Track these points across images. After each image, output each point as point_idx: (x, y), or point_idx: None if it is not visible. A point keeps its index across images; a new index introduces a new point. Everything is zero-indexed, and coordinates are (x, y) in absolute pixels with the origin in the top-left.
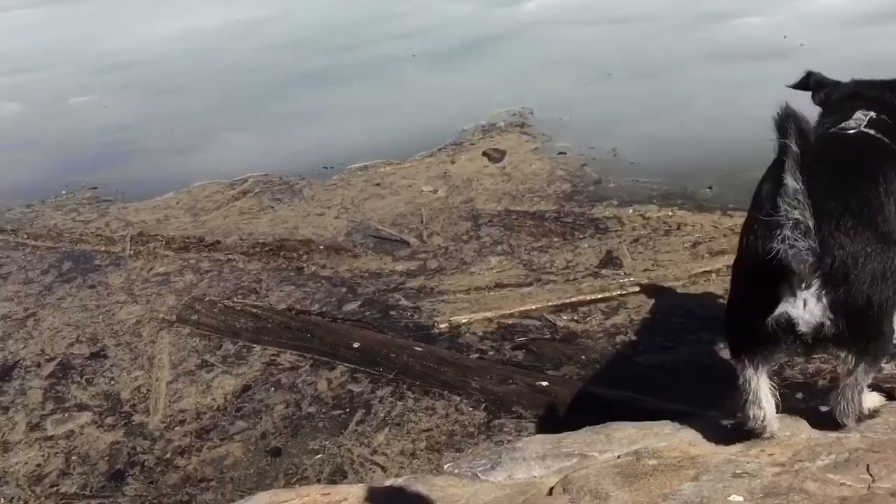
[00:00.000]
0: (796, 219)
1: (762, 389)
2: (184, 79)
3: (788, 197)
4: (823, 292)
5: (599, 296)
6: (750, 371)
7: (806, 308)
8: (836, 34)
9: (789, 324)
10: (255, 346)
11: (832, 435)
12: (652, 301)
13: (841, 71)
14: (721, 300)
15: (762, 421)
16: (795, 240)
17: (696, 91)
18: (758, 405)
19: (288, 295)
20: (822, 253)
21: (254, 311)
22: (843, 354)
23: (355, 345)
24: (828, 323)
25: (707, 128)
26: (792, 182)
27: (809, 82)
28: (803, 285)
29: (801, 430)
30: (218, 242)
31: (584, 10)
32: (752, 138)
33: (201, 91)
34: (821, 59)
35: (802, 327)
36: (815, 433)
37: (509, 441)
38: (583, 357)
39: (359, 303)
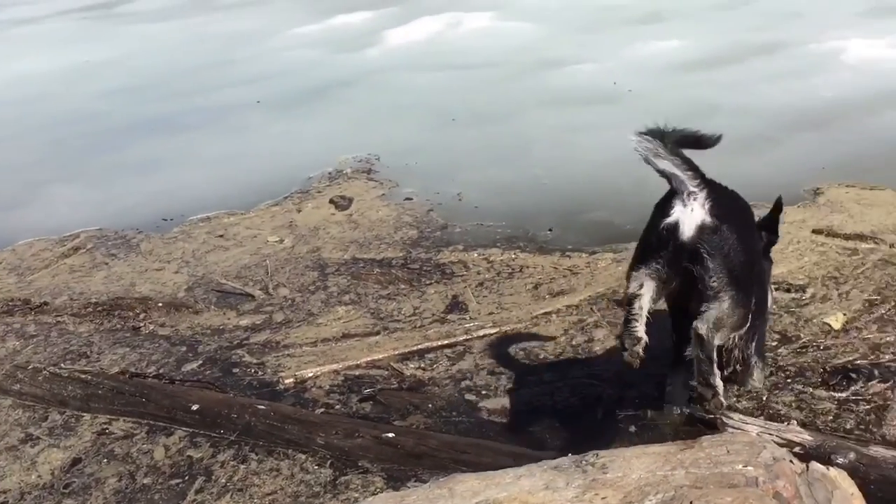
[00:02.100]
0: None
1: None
2: (8, 129)
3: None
4: (707, 203)
5: (446, 342)
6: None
7: (693, 213)
8: (662, 81)
9: (677, 228)
10: (84, 415)
11: (660, 473)
12: (497, 344)
13: (666, 115)
14: (560, 339)
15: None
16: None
17: (534, 135)
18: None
19: (122, 357)
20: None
21: (83, 376)
22: (711, 273)
23: (194, 407)
24: (707, 220)
25: (545, 171)
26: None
27: None
28: (692, 198)
29: (633, 470)
30: (45, 304)
31: (428, 56)
32: (587, 180)
33: (27, 141)
34: (648, 105)
35: (686, 230)
36: (645, 472)
37: (355, 499)
38: (430, 405)
39: (199, 362)
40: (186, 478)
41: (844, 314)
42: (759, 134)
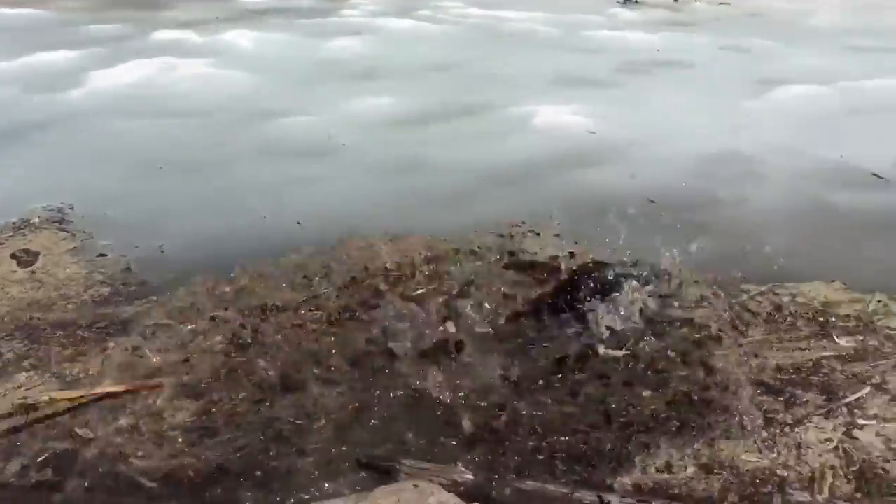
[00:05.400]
0: None
1: None
2: None
3: None
4: None
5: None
6: None
7: None
8: (375, 135)
9: None
10: None
11: None
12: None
13: (375, 168)
14: None
15: None
16: None
17: (247, 186)
18: None
19: None
20: None
21: None
22: None
23: None
24: None
25: (253, 221)
26: None
27: None
28: None
29: None
30: None
31: (137, 100)
32: (296, 231)
33: None
34: (360, 158)
35: None
36: None
37: None
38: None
39: None
40: None
41: None
42: (462, 189)
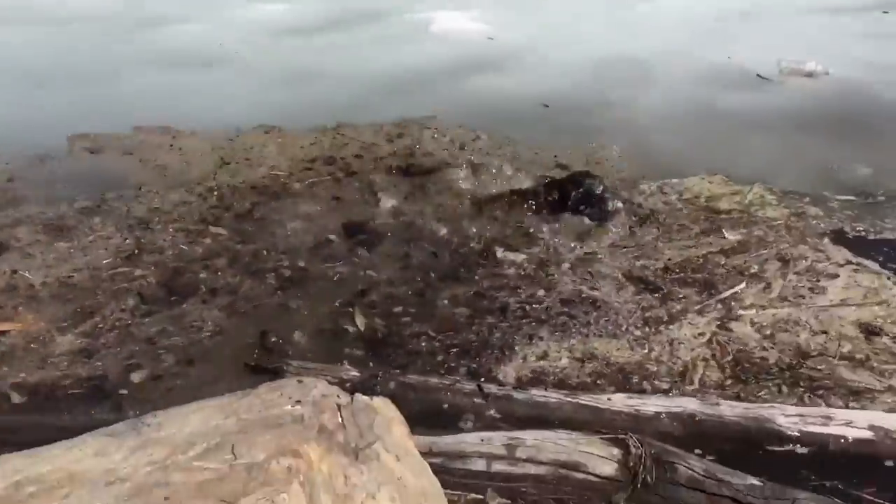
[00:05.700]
0: None
1: None
2: None
3: None
4: None
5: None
6: None
7: None
8: (265, 44)
9: None
10: None
11: (213, 423)
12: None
13: (269, 77)
14: None
15: None
16: None
17: (136, 97)
18: None
19: None
20: None
21: None
22: None
23: None
24: None
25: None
26: None
27: None
28: None
29: (188, 424)
30: None
31: (15, 9)
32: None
33: None
34: (252, 67)
35: None
36: (199, 425)
37: None
38: None
39: None
40: None
41: None
42: (359, 99)
